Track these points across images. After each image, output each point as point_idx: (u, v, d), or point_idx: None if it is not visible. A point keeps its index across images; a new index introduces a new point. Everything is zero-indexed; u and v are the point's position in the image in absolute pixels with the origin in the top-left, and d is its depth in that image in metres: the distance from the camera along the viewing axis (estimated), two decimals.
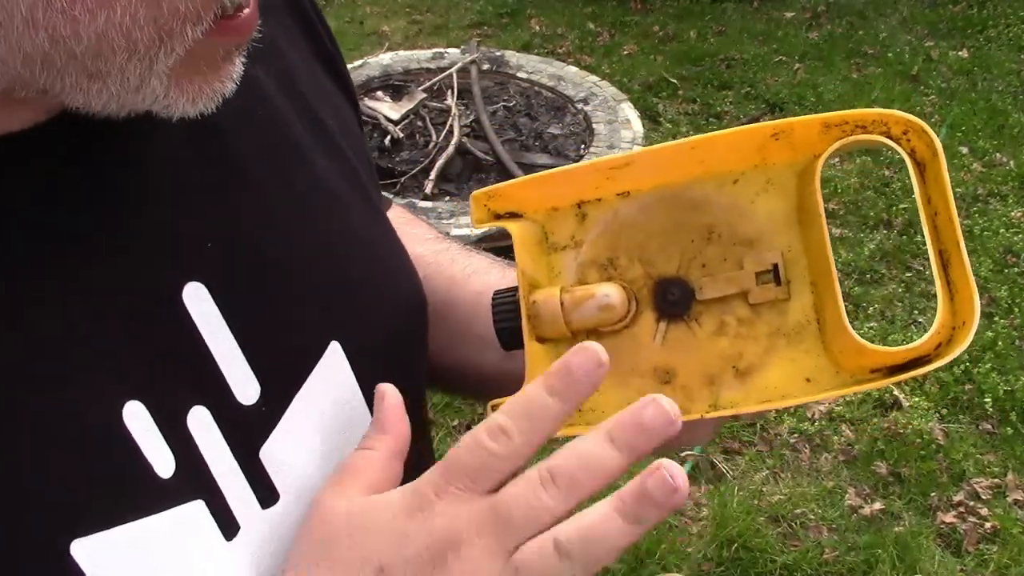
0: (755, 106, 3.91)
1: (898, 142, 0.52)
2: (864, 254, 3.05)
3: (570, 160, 3.00)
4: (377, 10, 4.84)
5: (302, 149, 0.57)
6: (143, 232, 0.47)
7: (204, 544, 0.47)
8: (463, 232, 2.57)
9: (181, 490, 0.46)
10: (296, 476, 0.52)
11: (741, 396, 0.55)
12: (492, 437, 0.43)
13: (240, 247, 0.51)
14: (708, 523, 2.23)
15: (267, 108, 0.56)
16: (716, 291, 0.55)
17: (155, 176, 0.48)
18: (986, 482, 2.35)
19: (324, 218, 0.57)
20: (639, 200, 0.56)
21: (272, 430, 0.51)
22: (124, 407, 0.44)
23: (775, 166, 0.54)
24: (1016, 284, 2.92)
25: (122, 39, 0.38)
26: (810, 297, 0.54)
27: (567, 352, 0.44)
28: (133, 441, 0.44)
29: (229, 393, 0.49)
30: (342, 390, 0.55)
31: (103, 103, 0.41)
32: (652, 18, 4.62)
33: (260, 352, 0.50)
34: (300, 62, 0.61)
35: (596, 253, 0.56)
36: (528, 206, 0.56)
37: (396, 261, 0.63)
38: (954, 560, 2.17)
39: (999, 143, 3.62)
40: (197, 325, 0.48)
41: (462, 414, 2.53)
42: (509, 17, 4.70)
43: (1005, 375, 2.58)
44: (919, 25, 4.52)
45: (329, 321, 0.55)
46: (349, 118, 0.66)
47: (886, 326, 2.79)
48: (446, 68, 3.31)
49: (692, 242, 0.55)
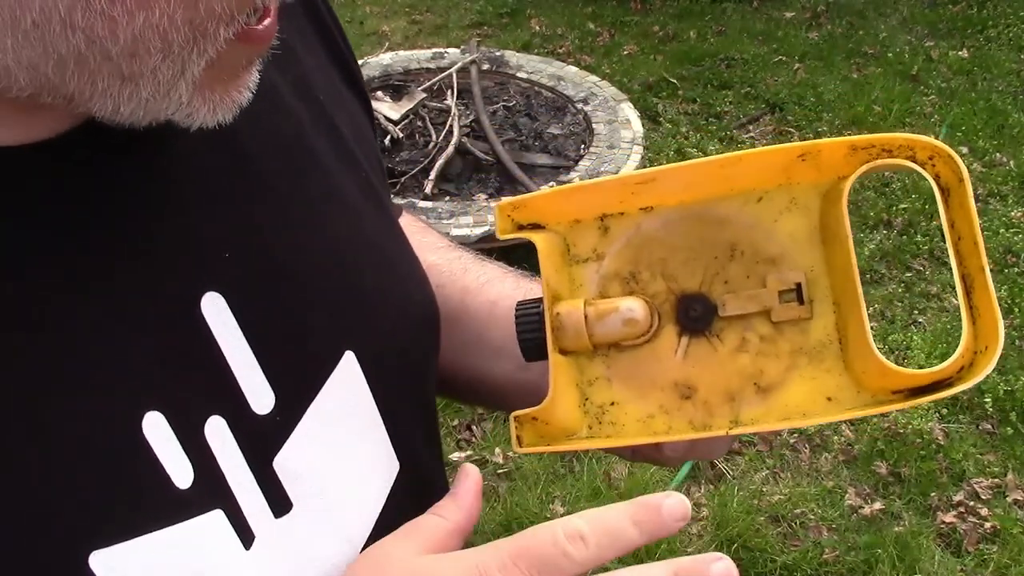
0: (755, 106, 3.91)
1: (924, 167, 0.52)
2: (864, 254, 3.05)
3: (570, 160, 2.99)
4: (377, 10, 4.84)
5: (317, 156, 0.57)
6: (164, 241, 0.47)
7: (224, 554, 0.47)
8: (463, 232, 2.57)
9: (200, 500, 0.46)
10: (309, 485, 0.52)
11: (762, 413, 0.55)
12: (571, 540, 0.46)
13: (256, 256, 0.51)
14: (708, 523, 2.23)
15: (284, 115, 0.56)
16: (738, 308, 0.55)
17: (176, 185, 0.49)
18: (986, 482, 2.35)
19: (337, 226, 0.57)
20: (662, 215, 0.56)
21: (286, 440, 0.51)
22: (144, 418, 0.44)
23: (799, 185, 0.55)
24: (1016, 284, 2.92)
25: (158, 40, 0.38)
26: (832, 317, 0.55)
27: (662, 495, 0.47)
28: (152, 452, 0.44)
29: (244, 403, 0.49)
30: (356, 399, 0.55)
31: (131, 109, 0.41)
32: (652, 18, 4.62)
33: (275, 362, 0.50)
34: (317, 67, 0.61)
35: (618, 266, 0.56)
36: (551, 218, 0.57)
37: (409, 269, 0.63)
38: (954, 560, 2.17)
39: (999, 143, 3.62)
40: (215, 335, 0.48)
41: (462, 414, 2.53)
42: (509, 17, 4.70)
43: (1005, 375, 2.58)
44: (919, 25, 4.52)
45: (343, 330, 0.55)
46: (363, 124, 0.66)
47: (886, 326, 2.79)
48: (446, 68, 3.31)
49: (715, 259, 0.55)
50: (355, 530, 0.55)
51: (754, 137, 3.72)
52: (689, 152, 3.51)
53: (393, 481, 0.58)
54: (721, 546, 2.15)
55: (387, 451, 0.57)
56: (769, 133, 3.75)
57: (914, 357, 2.66)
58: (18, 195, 0.43)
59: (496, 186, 2.88)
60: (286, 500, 0.51)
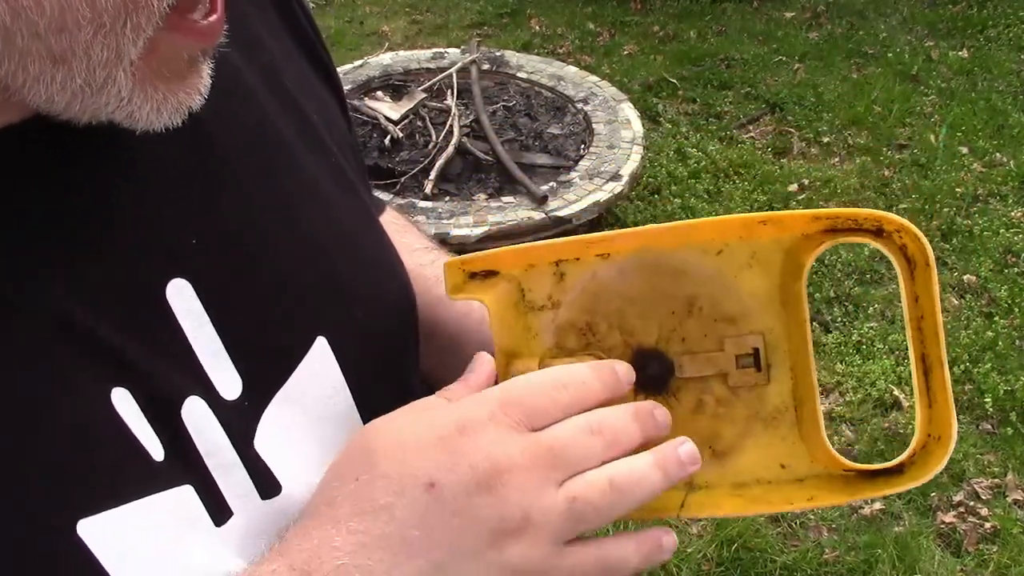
0: (755, 106, 3.91)
1: (889, 237, 0.52)
2: (864, 254, 3.05)
3: (570, 160, 2.99)
4: (377, 10, 4.83)
5: (286, 145, 0.57)
6: (129, 229, 0.47)
7: (191, 528, 0.47)
8: (463, 232, 2.57)
9: (170, 474, 0.46)
10: (292, 468, 0.52)
11: (716, 477, 0.54)
12: (557, 388, 0.48)
13: (225, 244, 0.51)
14: (708, 523, 2.23)
15: (251, 104, 0.56)
16: (695, 370, 0.54)
17: (140, 174, 0.48)
18: (986, 482, 2.35)
19: (308, 214, 0.57)
20: (618, 263, 0.54)
21: (256, 424, 0.51)
22: (112, 392, 0.45)
23: (760, 240, 0.54)
24: (1016, 284, 2.92)
25: (86, 8, 0.37)
26: (789, 383, 0.54)
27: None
28: (124, 424, 0.45)
29: (212, 388, 0.49)
30: (328, 385, 0.55)
31: (66, 101, 0.40)
32: (652, 18, 4.62)
33: (243, 348, 0.50)
34: (285, 57, 0.61)
35: (574, 316, 0.55)
36: (505, 265, 0.55)
37: (383, 256, 0.63)
38: (954, 560, 2.17)
39: (999, 143, 3.62)
40: (180, 321, 0.48)
41: None
42: (509, 17, 4.69)
43: (1005, 375, 2.57)
44: (919, 25, 4.52)
45: (315, 317, 0.55)
46: (335, 113, 0.65)
47: (886, 326, 2.79)
48: (446, 68, 3.31)
49: (672, 313, 0.54)
50: None
51: (754, 137, 3.72)
52: (689, 152, 3.51)
53: None
54: (721, 546, 2.15)
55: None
56: (769, 133, 3.75)
57: None
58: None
59: (496, 186, 2.88)
60: (274, 482, 0.51)
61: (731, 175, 3.43)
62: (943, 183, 3.37)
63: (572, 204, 2.67)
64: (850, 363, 2.67)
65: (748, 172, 3.45)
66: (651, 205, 3.27)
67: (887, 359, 2.67)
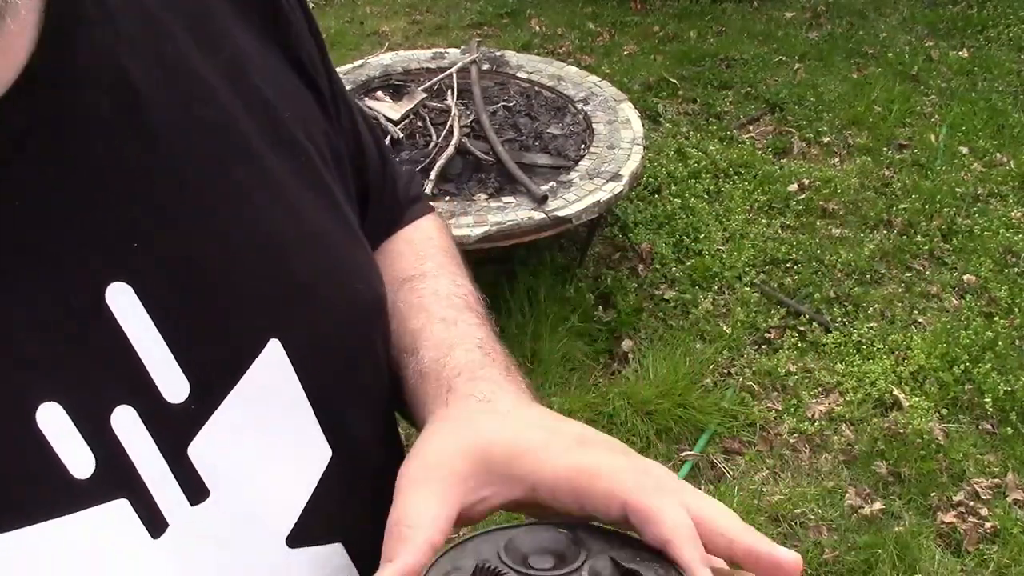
0: (755, 106, 3.91)
1: None
2: (864, 254, 3.05)
3: (570, 160, 2.99)
4: (377, 10, 4.84)
5: (246, 141, 0.55)
6: (65, 233, 0.46)
7: (128, 542, 0.47)
8: (463, 232, 2.57)
9: (102, 489, 0.46)
10: (227, 472, 0.51)
11: None
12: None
13: (168, 246, 0.50)
14: None
15: (204, 98, 0.54)
16: None
17: (79, 176, 0.47)
18: (986, 482, 2.35)
19: (267, 213, 0.55)
20: None
21: (201, 428, 0.50)
22: (39, 409, 0.44)
23: None
24: (1016, 284, 2.92)
25: None
26: None
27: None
28: (46, 442, 0.44)
29: (156, 392, 0.49)
30: (282, 388, 0.54)
31: None
32: (652, 18, 4.62)
33: (190, 350, 0.50)
34: (255, 51, 0.59)
35: None
36: None
37: (351, 259, 0.61)
38: (954, 560, 2.17)
39: (999, 143, 3.62)
40: (122, 325, 0.47)
41: None
42: (509, 17, 4.69)
43: (1005, 375, 2.58)
44: (919, 25, 4.52)
45: (267, 319, 0.54)
46: (310, 108, 0.63)
47: (886, 326, 2.79)
48: (446, 68, 3.31)
49: None
50: (280, 517, 0.55)
51: (754, 137, 3.72)
52: (689, 152, 3.51)
53: (325, 468, 0.57)
54: None
55: (317, 438, 0.57)
56: (769, 133, 3.75)
57: (914, 357, 2.66)
58: None
59: (496, 186, 2.87)
60: (202, 487, 0.50)
61: (731, 175, 3.44)
62: (943, 183, 3.37)
63: (572, 204, 2.67)
64: (850, 363, 2.67)
65: (748, 172, 3.45)
66: (651, 205, 3.27)
67: (887, 359, 2.67)
